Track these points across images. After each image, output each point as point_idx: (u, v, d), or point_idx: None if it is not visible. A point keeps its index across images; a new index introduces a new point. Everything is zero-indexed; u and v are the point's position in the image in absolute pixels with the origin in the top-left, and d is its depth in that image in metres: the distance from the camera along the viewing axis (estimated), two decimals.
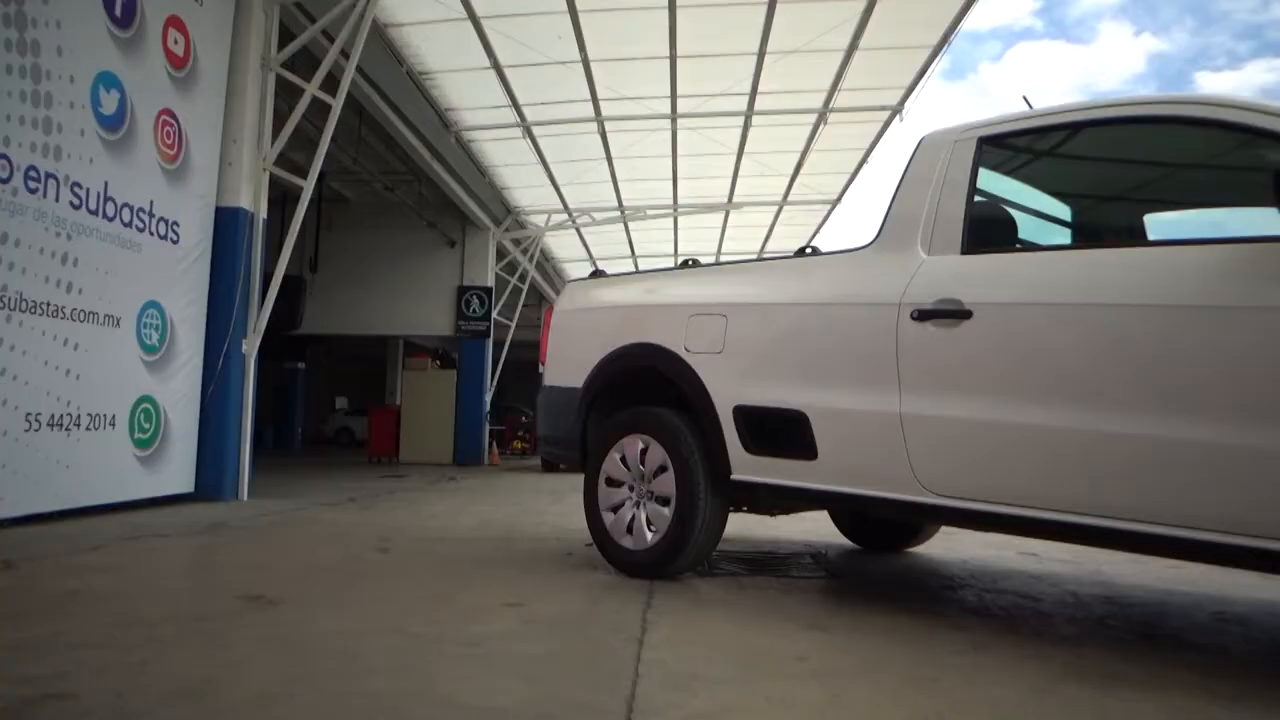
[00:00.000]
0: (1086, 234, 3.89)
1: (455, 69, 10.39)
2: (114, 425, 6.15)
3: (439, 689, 2.25)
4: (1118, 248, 3.30)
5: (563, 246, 19.39)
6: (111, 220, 6.06)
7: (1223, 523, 2.38)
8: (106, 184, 5.99)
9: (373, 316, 16.53)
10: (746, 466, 3.54)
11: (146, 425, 6.51)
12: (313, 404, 25.07)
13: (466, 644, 2.69)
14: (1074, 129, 3.27)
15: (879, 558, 4.71)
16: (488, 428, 16.60)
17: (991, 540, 5.20)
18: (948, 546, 5.01)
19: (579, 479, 4.26)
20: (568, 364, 4.40)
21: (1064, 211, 3.83)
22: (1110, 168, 3.69)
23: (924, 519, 4.31)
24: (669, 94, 10.92)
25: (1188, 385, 2.47)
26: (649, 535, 3.79)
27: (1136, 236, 3.70)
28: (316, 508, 7.06)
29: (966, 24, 9.20)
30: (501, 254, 16.91)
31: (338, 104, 7.94)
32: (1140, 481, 2.52)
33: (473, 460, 15.63)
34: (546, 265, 20.62)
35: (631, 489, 3.93)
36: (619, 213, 15.68)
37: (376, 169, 14.56)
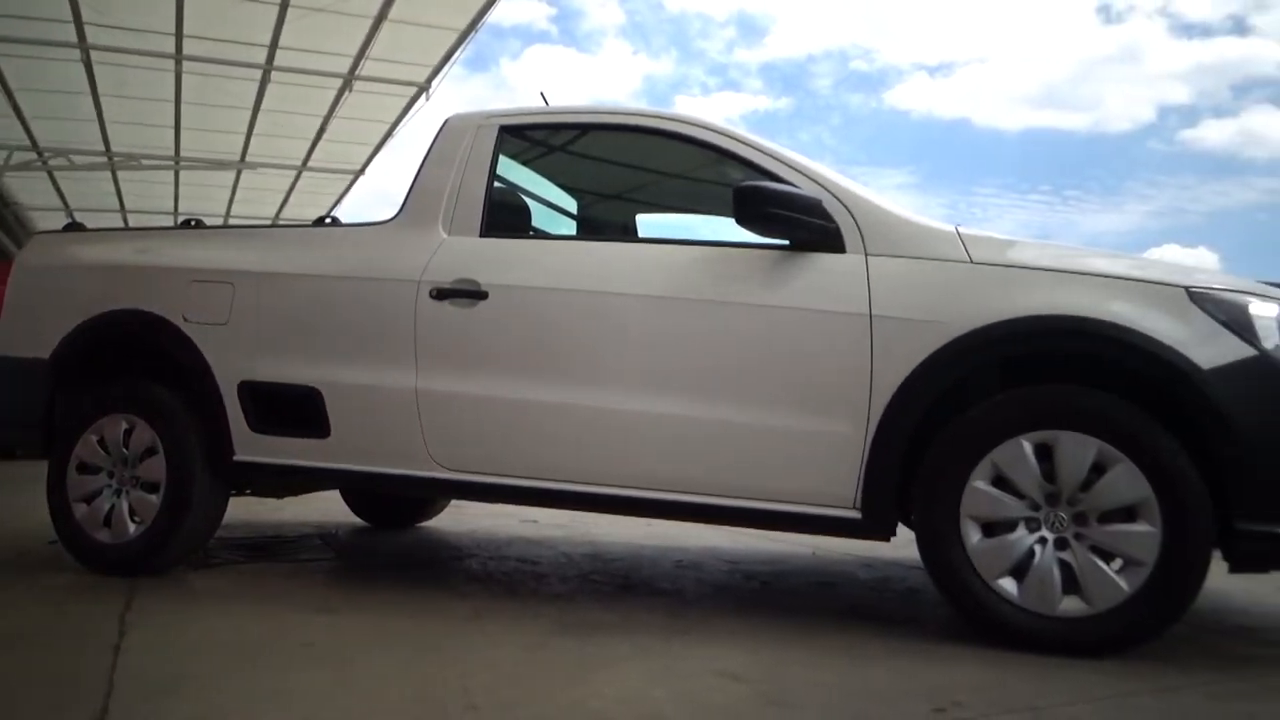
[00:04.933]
0: (590, 227, 4.29)
1: None
2: None
3: None
4: (616, 241, 3.74)
5: (30, 191, 16.33)
6: None
7: (696, 485, 2.79)
8: None
9: None
10: (252, 447, 3.31)
11: None
12: None
13: None
14: (582, 129, 3.59)
15: (390, 535, 4.72)
16: None
17: (497, 510, 5.49)
18: (456, 519, 5.17)
19: (41, 467, 3.63)
20: (30, 330, 3.71)
21: (571, 204, 4.17)
22: (611, 169, 4.11)
23: (436, 494, 4.44)
24: (174, 31, 9.75)
25: (668, 366, 2.85)
26: (131, 527, 3.36)
27: (631, 233, 4.17)
28: None
29: (491, 17, 9.59)
30: None
31: None
32: (630, 451, 2.86)
33: None
34: (6, 212, 17.21)
35: (111, 475, 3.45)
36: (106, 158, 13.62)
37: None
